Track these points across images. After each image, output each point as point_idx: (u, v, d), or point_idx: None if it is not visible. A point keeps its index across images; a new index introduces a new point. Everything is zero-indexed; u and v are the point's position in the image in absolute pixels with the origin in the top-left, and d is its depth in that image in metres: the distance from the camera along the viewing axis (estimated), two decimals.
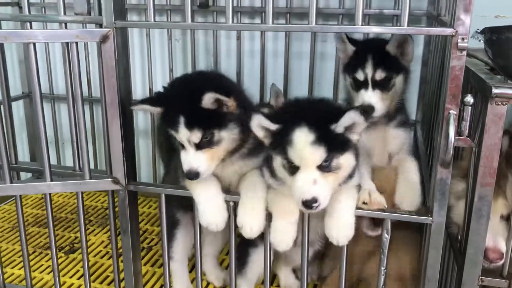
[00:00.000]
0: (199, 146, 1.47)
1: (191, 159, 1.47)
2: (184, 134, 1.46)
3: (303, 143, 1.34)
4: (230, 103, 1.48)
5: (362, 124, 1.39)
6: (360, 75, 1.72)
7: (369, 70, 1.70)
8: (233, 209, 1.58)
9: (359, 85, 1.73)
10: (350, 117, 1.35)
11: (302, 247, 1.58)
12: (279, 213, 1.50)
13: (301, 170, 1.36)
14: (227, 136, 1.51)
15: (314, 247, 1.86)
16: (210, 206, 1.55)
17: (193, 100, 1.45)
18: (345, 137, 1.40)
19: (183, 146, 1.50)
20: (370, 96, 1.69)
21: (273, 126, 1.40)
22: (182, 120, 1.45)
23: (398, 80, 1.75)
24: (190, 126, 1.45)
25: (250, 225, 1.52)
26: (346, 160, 1.40)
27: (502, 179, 1.48)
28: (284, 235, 1.49)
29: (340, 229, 1.46)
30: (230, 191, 1.62)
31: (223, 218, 1.55)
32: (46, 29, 2.34)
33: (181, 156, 1.50)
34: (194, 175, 1.47)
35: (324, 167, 1.36)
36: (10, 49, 2.92)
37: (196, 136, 1.46)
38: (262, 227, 1.53)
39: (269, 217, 1.54)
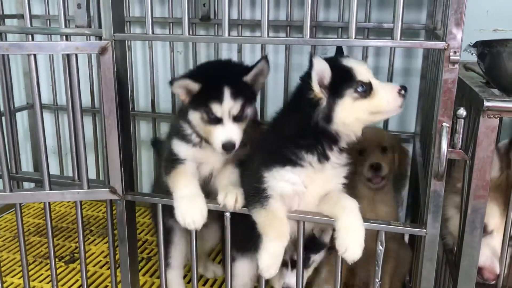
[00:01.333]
0: (235, 119, 1.56)
1: (229, 130, 1.55)
2: (227, 105, 1.54)
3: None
4: (262, 81, 1.62)
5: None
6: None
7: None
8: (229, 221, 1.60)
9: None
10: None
11: (297, 264, 1.59)
12: (274, 235, 1.48)
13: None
14: (251, 113, 1.61)
15: None
16: (188, 204, 1.56)
17: (236, 75, 1.58)
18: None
19: (217, 121, 1.56)
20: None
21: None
22: (227, 91, 1.53)
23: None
24: (234, 96, 1.54)
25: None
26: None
27: None
28: (275, 259, 1.48)
29: (357, 247, 1.44)
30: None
31: (201, 217, 1.56)
32: (51, 41, 2.38)
33: (215, 131, 1.56)
34: (232, 146, 1.55)
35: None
36: (15, 61, 2.97)
37: (237, 107, 1.55)
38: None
39: None
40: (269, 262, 1.47)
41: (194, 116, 1.59)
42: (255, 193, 1.53)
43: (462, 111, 1.32)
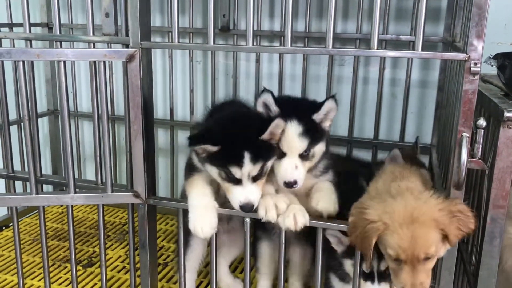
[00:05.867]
0: (255, 179, 1.54)
1: (248, 192, 1.54)
2: (247, 169, 1.51)
3: (292, 135, 1.57)
4: (278, 133, 1.56)
5: (335, 111, 1.65)
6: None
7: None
8: (250, 226, 1.63)
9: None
10: (329, 106, 1.62)
11: (316, 262, 1.61)
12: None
13: (287, 156, 1.60)
14: (270, 166, 1.59)
15: None
16: (199, 214, 1.60)
17: (254, 135, 1.53)
18: (321, 127, 1.65)
19: (236, 182, 1.54)
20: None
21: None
22: (247, 155, 1.50)
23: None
24: (255, 160, 1.51)
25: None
26: (320, 149, 1.65)
27: None
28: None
29: (328, 202, 1.60)
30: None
31: (210, 227, 1.59)
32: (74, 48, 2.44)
33: (232, 191, 1.55)
34: (251, 208, 1.54)
35: (304, 156, 1.61)
36: (38, 67, 3.03)
37: (257, 169, 1.53)
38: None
39: None
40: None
41: (212, 170, 1.58)
42: None
43: (482, 122, 1.34)
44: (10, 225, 2.75)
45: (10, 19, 2.58)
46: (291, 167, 1.58)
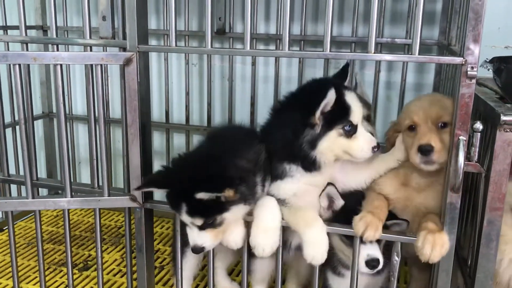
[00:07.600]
0: (202, 227, 1.50)
1: (195, 237, 1.52)
2: (186, 219, 1.51)
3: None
4: (227, 194, 1.46)
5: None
6: None
7: None
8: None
9: None
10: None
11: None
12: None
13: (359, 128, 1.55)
14: (231, 217, 1.52)
15: None
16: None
17: (193, 190, 1.43)
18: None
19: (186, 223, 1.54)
20: None
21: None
22: (184, 207, 1.48)
23: None
24: (191, 214, 1.48)
25: (263, 246, 1.56)
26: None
27: None
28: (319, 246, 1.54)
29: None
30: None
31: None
32: (69, 51, 2.43)
33: (187, 231, 1.55)
34: (199, 250, 1.54)
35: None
36: (32, 70, 3.01)
37: (198, 222, 1.49)
38: (275, 248, 1.57)
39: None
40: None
41: None
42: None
43: (478, 125, 1.35)
44: (4, 228, 2.74)
45: (4, 21, 2.57)
46: (368, 136, 1.56)
